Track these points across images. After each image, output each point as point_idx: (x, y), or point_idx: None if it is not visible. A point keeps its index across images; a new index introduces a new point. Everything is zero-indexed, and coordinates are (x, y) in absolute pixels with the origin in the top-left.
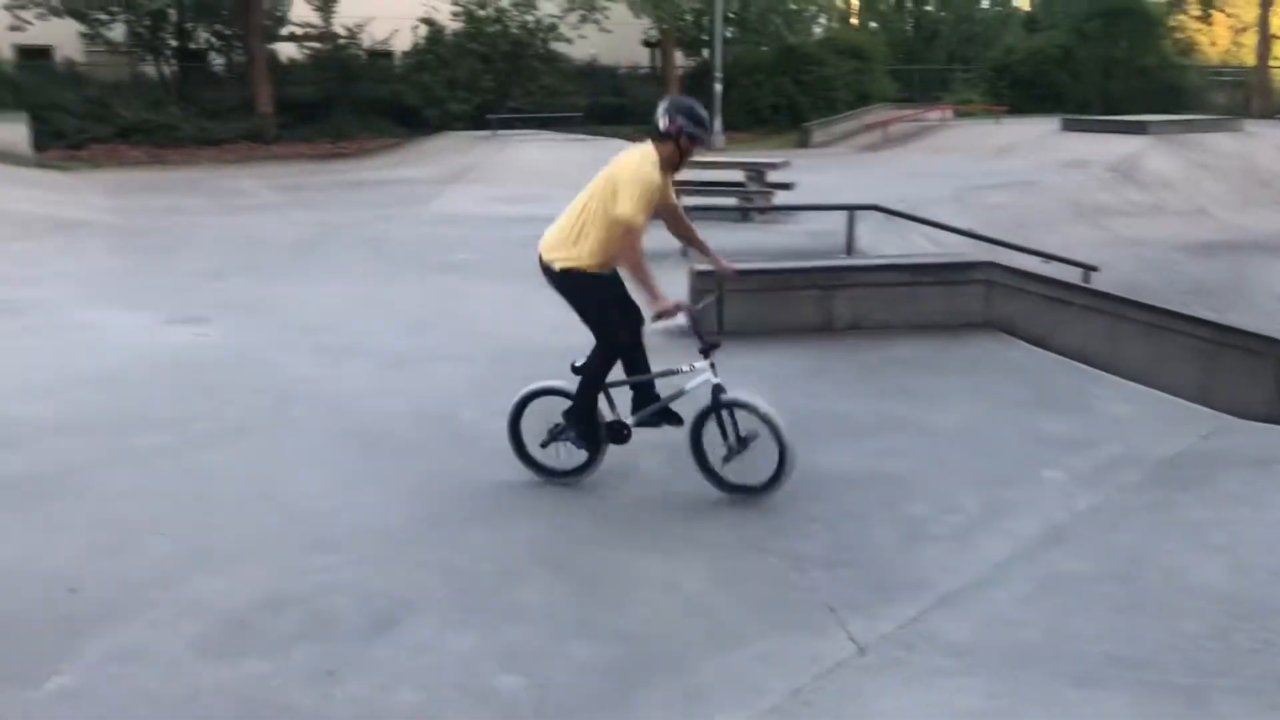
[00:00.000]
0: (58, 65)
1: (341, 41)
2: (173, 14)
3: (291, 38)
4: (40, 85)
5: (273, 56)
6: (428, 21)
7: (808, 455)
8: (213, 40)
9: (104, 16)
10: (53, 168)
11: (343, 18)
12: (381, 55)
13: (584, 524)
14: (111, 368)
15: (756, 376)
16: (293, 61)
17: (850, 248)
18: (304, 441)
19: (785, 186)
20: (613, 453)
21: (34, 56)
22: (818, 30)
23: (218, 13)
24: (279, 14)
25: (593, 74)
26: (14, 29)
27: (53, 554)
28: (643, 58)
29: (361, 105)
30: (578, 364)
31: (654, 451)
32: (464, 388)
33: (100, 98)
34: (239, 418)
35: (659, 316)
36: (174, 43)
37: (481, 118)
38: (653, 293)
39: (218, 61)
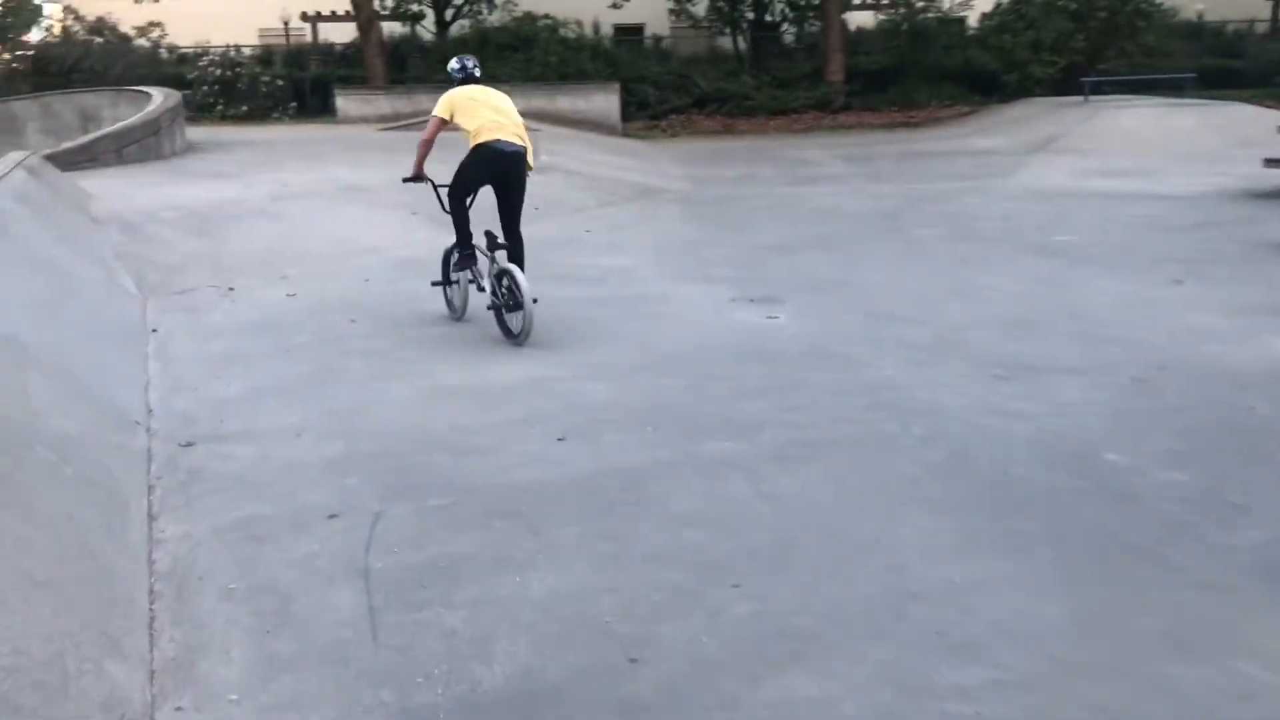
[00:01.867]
0: (646, 41)
1: (919, 5)
2: None
3: (866, 5)
4: (631, 59)
5: (844, 24)
6: None
7: None
8: (787, 11)
9: None
10: (635, 136)
11: None
12: (953, 20)
13: None
14: (678, 350)
15: None
16: (860, 29)
17: None
18: (897, 469)
19: None
20: None
21: (628, 34)
22: None
23: None
24: None
25: (1198, 32)
26: (613, 6)
27: (606, 591)
28: (1261, 11)
29: (931, 72)
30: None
31: None
32: (1099, 416)
33: (680, 70)
34: (814, 427)
35: None
36: (750, 15)
37: (1065, 82)
38: None
39: (789, 32)
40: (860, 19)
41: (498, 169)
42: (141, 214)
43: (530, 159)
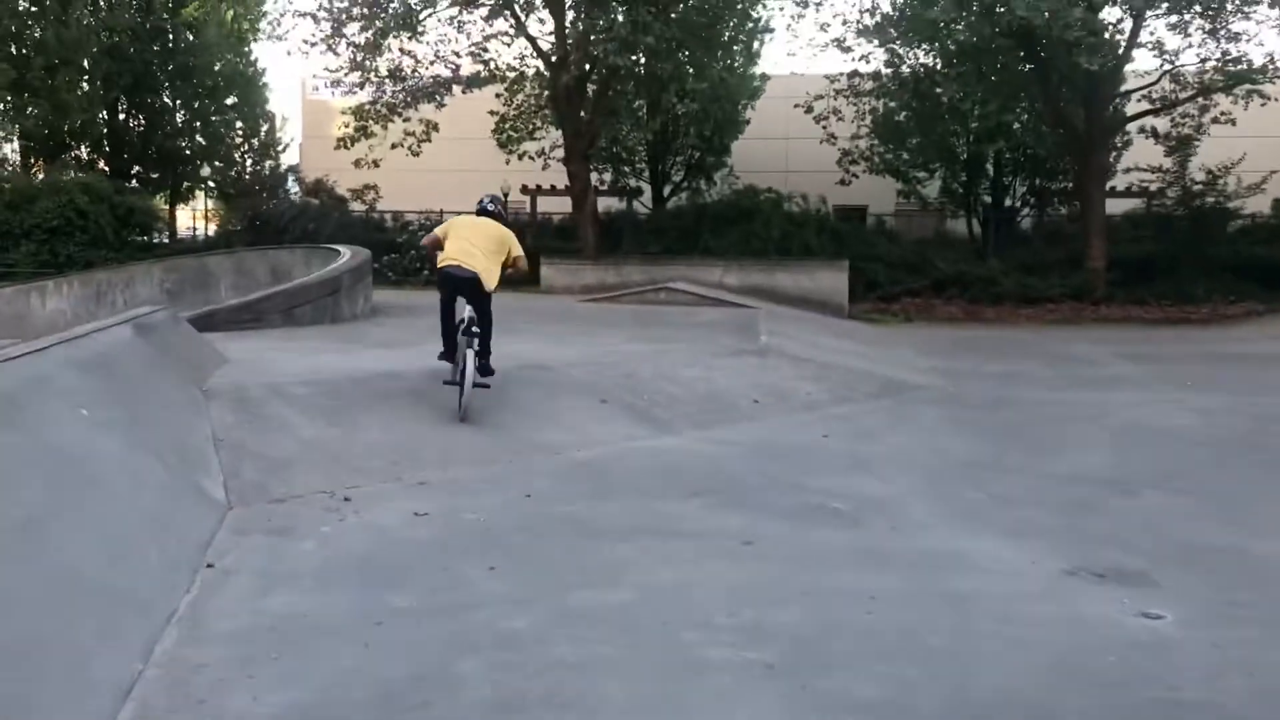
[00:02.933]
0: (868, 220)
1: (1195, 188)
2: (989, 168)
3: (1132, 192)
4: (858, 236)
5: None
6: None
7: None
8: (1028, 196)
9: (923, 174)
10: (865, 319)
11: (1201, 160)
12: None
13: None
14: (1008, 689)
15: None
16: (1123, 214)
17: None
18: None
19: None
20: None
21: (850, 213)
22: None
23: (1042, 164)
24: (1114, 161)
25: None
26: (841, 183)
27: None
28: None
29: (1211, 263)
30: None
31: None
32: None
33: (915, 250)
34: None
35: None
36: (988, 198)
37: None
38: None
39: (1028, 216)
40: (1115, 205)
41: (452, 287)
42: (269, 387)
43: (486, 282)
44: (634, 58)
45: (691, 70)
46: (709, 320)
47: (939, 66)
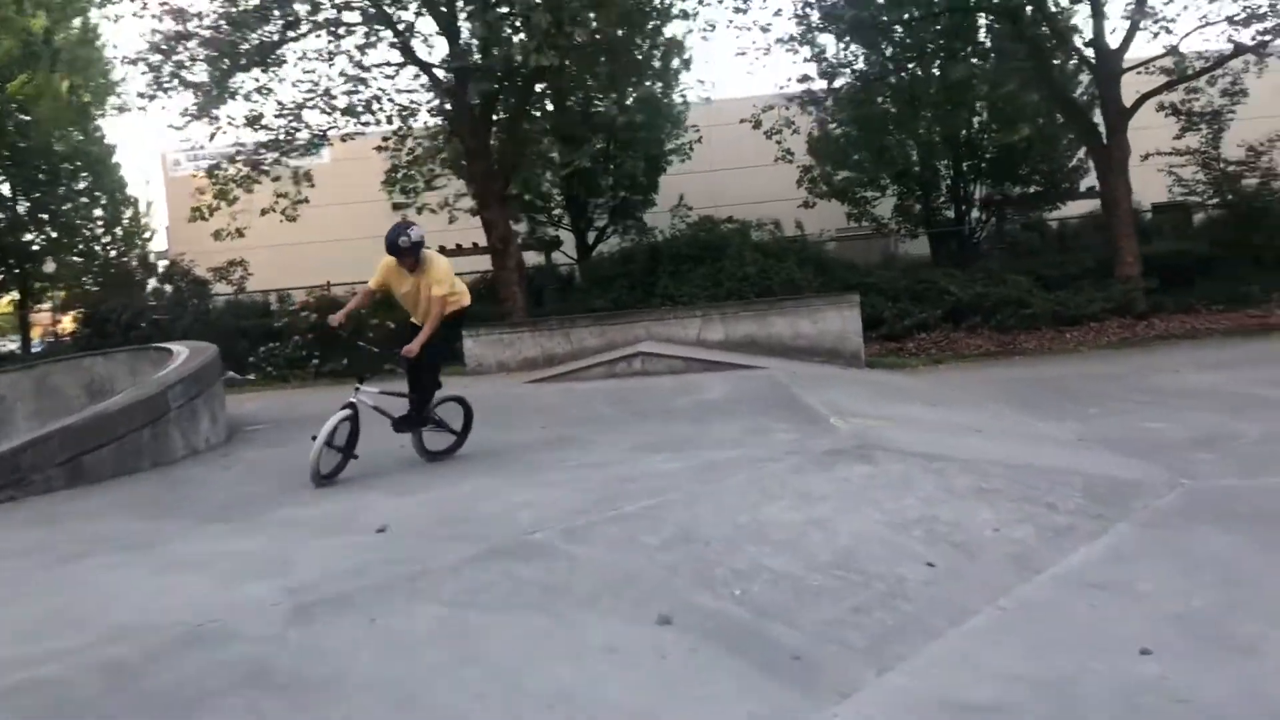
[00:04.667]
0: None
1: (1233, 169)
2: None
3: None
4: (842, 263)
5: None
6: None
7: None
8: (991, 205)
9: (873, 194)
10: (886, 365)
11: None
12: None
13: None
14: None
15: None
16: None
17: None
18: None
19: None
20: None
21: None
22: None
23: (1009, 167)
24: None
25: None
26: (805, 206)
27: None
28: None
29: (1262, 254)
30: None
31: None
32: None
33: (918, 274)
34: None
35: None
36: (949, 212)
37: None
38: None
39: (982, 228)
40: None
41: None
42: None
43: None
44: (557, 59)
45: (615, 95)
46: (726, 398)
47: (888, 64)
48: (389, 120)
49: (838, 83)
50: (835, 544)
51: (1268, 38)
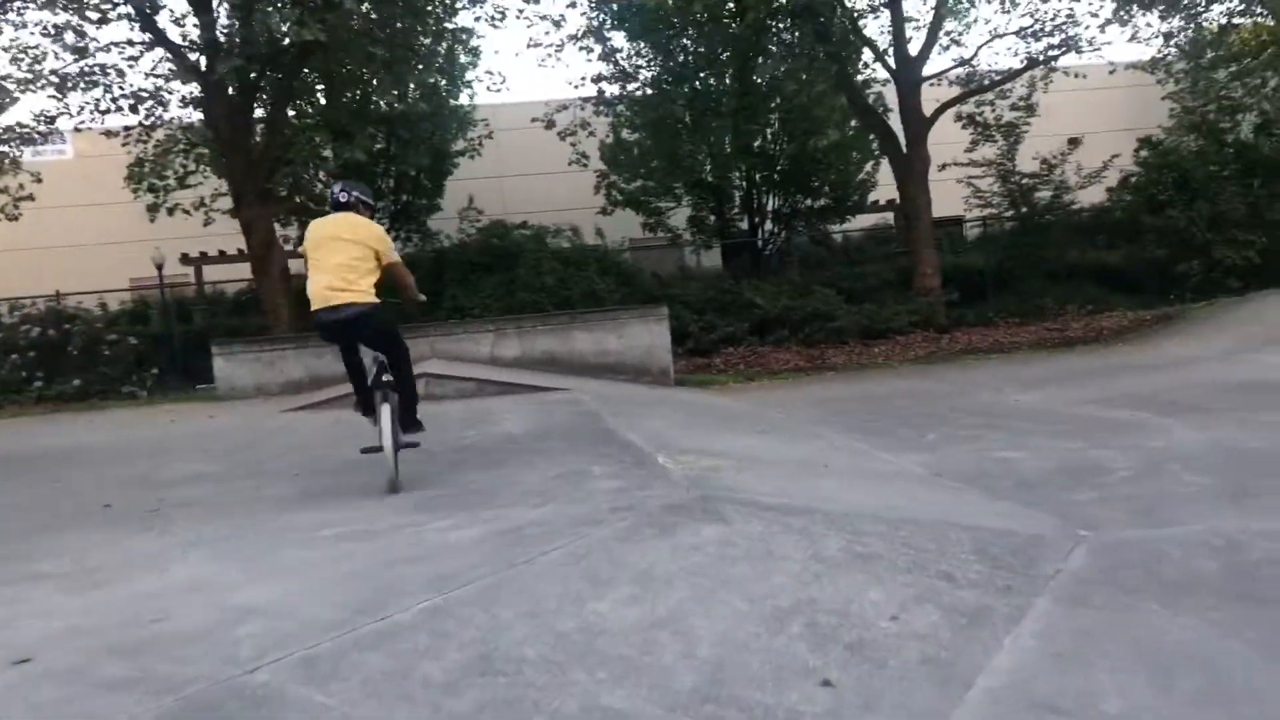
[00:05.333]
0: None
1: (1027, 181)
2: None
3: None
4: (646, 273)
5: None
6: (1149, 142)
7: None
8: (785, 216)
9: (667, 204)
10: (694, 383)
11: (1033, 140)
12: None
13: None
14: None
15: None
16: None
17: None
18: None
19: None
20: None
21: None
22: None
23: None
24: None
25: None
26: (602, 213)
27: None
28: None
29: (1057, 268)
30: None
31: None
32: None
33: (723, 286)
34: None
35: None
36: (743, 224)
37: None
38: None
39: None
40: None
41: (333, 338)
42: None
43: (373, 310)
44: (324, 34)
45: (393, 86)
46: (528, 431)
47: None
48: (132, 109)
49: (631, 86)
50: (697, 658)
51: (1055, 52)
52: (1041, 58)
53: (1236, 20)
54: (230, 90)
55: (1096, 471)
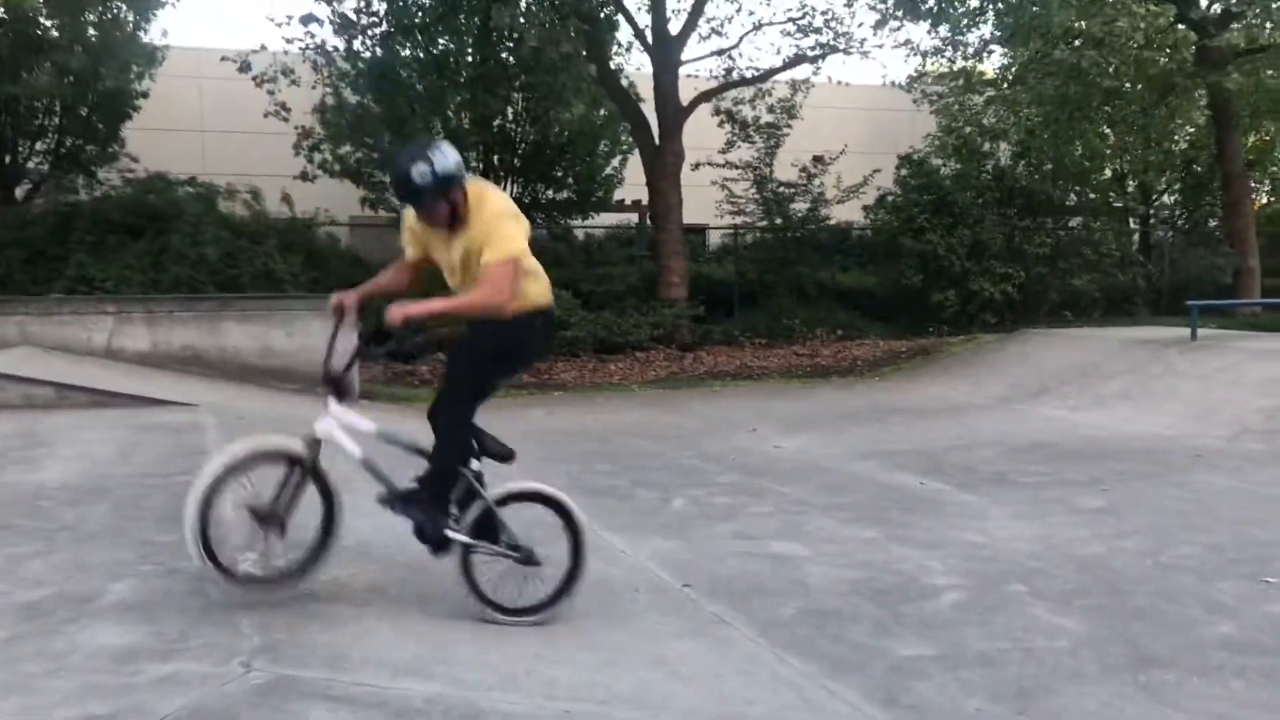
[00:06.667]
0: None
1: (783, 190)
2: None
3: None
4: (338, 254)
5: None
6: (909, 160)
7: None
8: None
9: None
10: (385, 399)
11: (792, 150)
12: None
13: None
14: None
15: None
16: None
17: None
18: None
19: None
20: None
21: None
22: None
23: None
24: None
25: None
26: (303, 177)
27: None
28: None
29: (809, 286)
30: None
31: None
32: None
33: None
34: None
35: None
36: None
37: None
38: None
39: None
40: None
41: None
42: None
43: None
44: None
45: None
46: (69, 485)
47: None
48: None
49: (356, 44)
50: None
51: (822, 50)
52: (810, 53)
53: (993, 47)
54: None
55: (914, 592)
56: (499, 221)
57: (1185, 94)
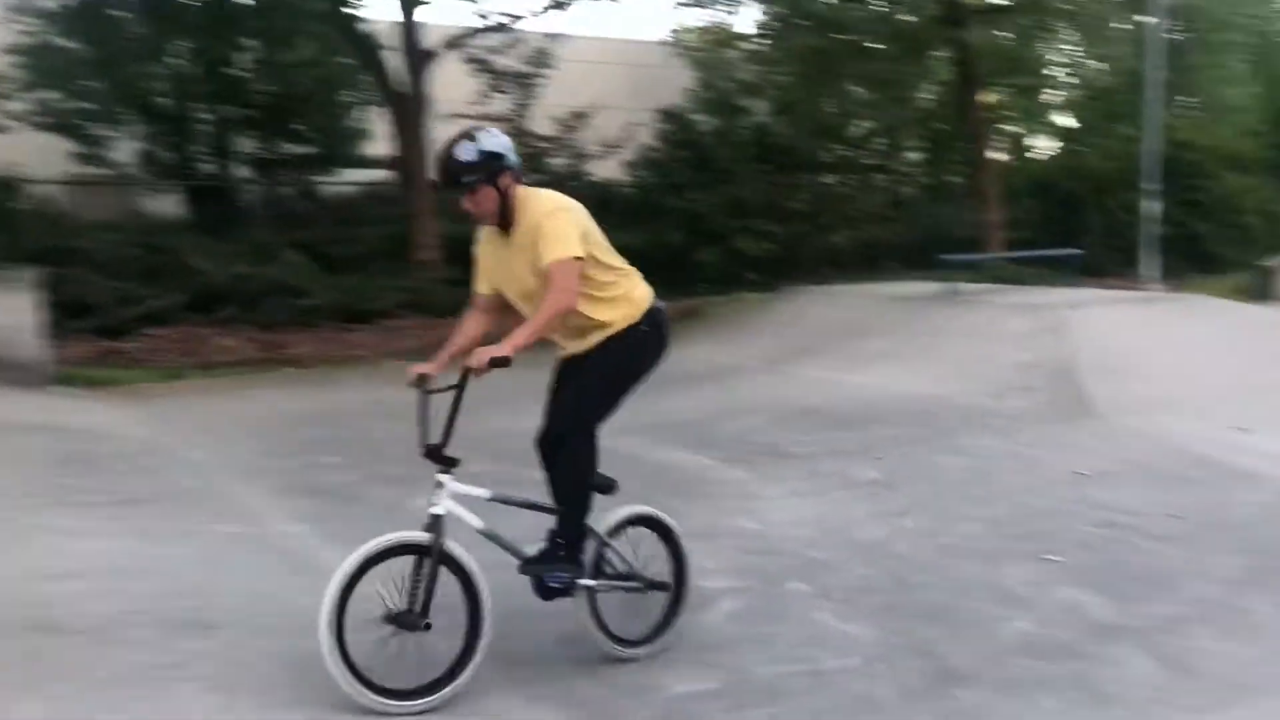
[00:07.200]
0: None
1: (541, 145)
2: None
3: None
4: (36, 218)
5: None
6: (671, 114)
7: None
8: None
9: (110, 132)
10: (85, 380)
11: (549, 106)
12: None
13: None
14: None
15: None
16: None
17: None
18: None
19: None
20: None
21: None
22: None
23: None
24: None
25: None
26: None
27: None
28: None
29: None
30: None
31: None
32: None
33: (152, 241)
34: None
35: None
36: (211, 166)
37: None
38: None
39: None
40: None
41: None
42: None
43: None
44: None
45: None
46: None
47: None
48: None
49: None
50: None
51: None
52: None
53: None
54: None
55: (690, 599)
56: (549, 220)
57: (928, 49)
